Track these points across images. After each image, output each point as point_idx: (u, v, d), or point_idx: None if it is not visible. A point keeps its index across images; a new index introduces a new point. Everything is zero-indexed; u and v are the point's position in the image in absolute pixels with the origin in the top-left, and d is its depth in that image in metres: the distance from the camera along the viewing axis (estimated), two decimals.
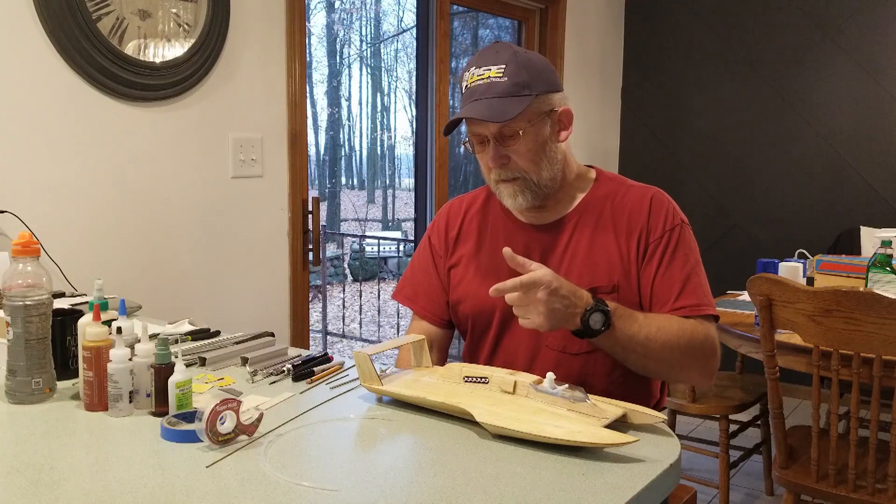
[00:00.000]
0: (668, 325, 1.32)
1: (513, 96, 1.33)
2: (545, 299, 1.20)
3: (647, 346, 1.30)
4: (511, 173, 1.38)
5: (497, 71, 1.34)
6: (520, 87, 1.34)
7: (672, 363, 1.34)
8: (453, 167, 3.85)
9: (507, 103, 1.33)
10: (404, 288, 1.60)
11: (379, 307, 7.70)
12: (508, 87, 1.34)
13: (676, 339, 1.32)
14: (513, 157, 1.37)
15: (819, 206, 3.86)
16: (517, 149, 1.37)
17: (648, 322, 1.31)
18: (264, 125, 2.41)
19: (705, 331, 1.36)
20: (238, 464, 0.94)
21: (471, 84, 1.37)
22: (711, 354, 1.37)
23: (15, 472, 0.91)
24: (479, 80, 1.36)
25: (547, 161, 1.39)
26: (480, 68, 1.36)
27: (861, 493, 1.89)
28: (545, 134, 1.39)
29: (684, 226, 1.43)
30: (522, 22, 3.75)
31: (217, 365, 1.37)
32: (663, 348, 1.31)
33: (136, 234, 2.10)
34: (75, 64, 1.91)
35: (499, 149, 1.37)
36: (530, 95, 1.35)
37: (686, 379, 1.43)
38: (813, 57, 3.81)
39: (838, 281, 2.27)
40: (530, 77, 1.35)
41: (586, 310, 1.24)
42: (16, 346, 1.14)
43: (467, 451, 0.99)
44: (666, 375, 1.45)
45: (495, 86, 1.34)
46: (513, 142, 1.36)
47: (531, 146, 1.37)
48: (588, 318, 1.24)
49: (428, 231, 1.61)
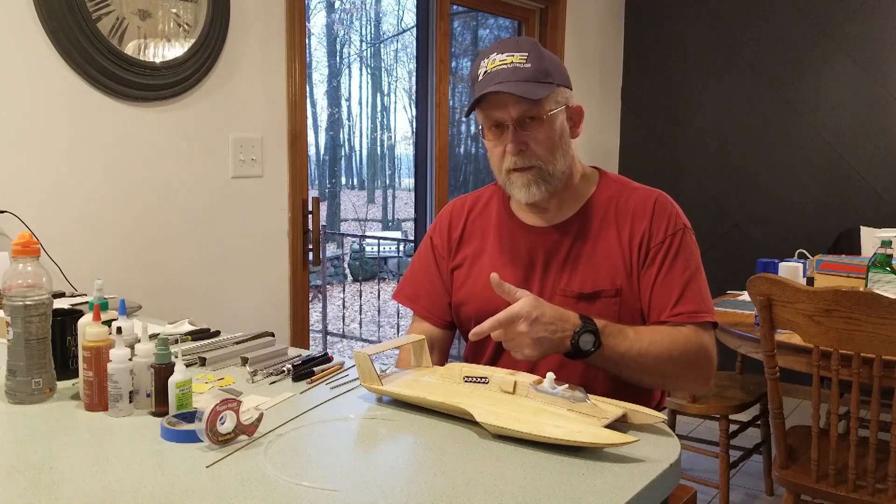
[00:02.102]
0: (660, 339, 1.32)
1: (538, 82, 1.34)
2: (528, 331, 1.20)
3: (640, 362, 1.30)
4: (527, 161, 1.38)
5: (520, 57, 1.35)
6: (544, 74, 1.35)
7: (667, 375, 1.35)
8: (453, 167, 3.85)
9: (533, 86, 1.33)
10: (405, 288, 1.60)
11: (379, 307, 7.70)
12: (533, 73, 1.34)
13: (669, 352, 1.31)
14: (531, 143, 1.37)
15: (819, 206, 3.86)
16: (536, 135, 1.37)
17: (640, 337, 1.31)
18: (264, 125, 2.41)
19: (698, 339, 1.35)
20: (238, 464, 0.94)
21: (491, 69, 1.36)
22: (706, 363, 1.37)
23: (15, 472, 0.91)
24: (503, 65, 1.35)
25: (562, 153, 1.40)
26: (503, 54, 1.36)
27: (861, 493, 1.89)
28: (563, 125, 1.40)
29: (686, 231, 1.42)
30: (522, 22, 3.75)
31: (217, 365, 1.37)
32: (657, 362, 1.31)
33: (136, 234, 2.10)
34: (75, 64, 1.91)
35: (518, 134, 1.37)
36: (553, 84, 1.36)
37: (682, 388, 1.44)
38: (813, 57, 3.81)
39: (838, 281, 2.27)
40: (552, 67, 1.37)
41: (575, 332, 1.24)
42: (16, 346, 1.14)
43: (467, 451, 0.99)
44: (662, 386, 1.47)
45: (520, 70, 1.34)
46: (534, 126, 1.36)
47: (550, 134, 1.37)
48: (578, 340, 1.24)
49: (430, 231, 1.60)
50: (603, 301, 1.39)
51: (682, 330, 1.35)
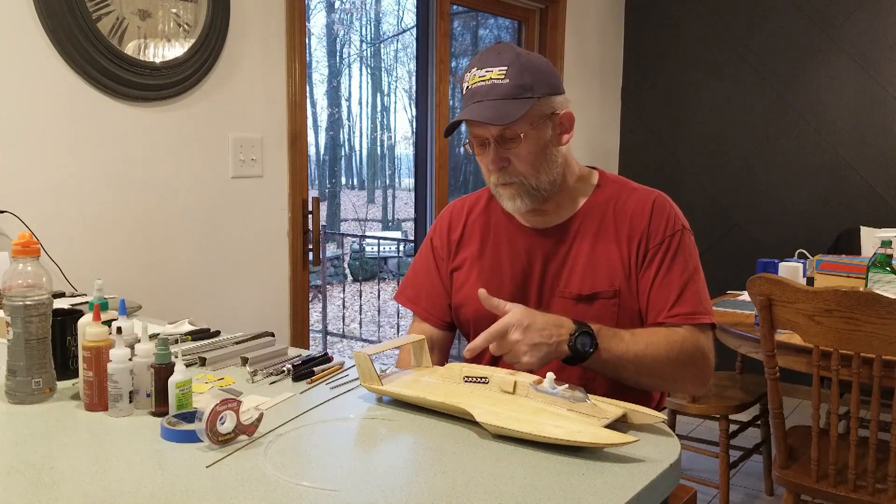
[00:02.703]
0: (657, 341, 1.32)
1: (515, 98, 1.32)
2: (521, 338, 1.20)
3: (638, 364, 1.30)
4: (510, 177, 1.37)
5: (499, 72, 1.33)
6: (522, 90, 1.32)
7: (664, 377, 1.35)
8: (453, 167, 3.86)
9: (508, 105, 1.31)
10: (406, 289, 1.60)
11: (379, 307, 7.70)
12: (510, 90, 1.32)
13: (666, 354, 1.31)
14: (513, 160, 1.36)
15: (819, 206, 3.86)
16: (518, 152, 1.35)
17: (636, 340, 1.31)
18: (264, 125, 2.41)
19: (695, 340, 1.35)
20: (238, 464, 0.94)
21: (472, 85, 1.35)
22: (703, 364, 1.37)
23: (15, 472, 0.91)
24: (481, 82, 1.34)
25: (547, 165, 1.38)
26: (482, 69, 1.34)
27: (861, 493, 1.89)
28: (546, 137, 1.38)
29: (685, 232, 1.42)
30: (522, 22, 3.75)
31: (217, 365, 1.37)
32: (654, 363, 1.31)
33: (136, 234, 2.10)
34: (75, 64, 1.91)
35: (499, 151, 1.36)
36: (532, 98, 1.33)
37: (680, 389, 1.44)
38: (813, 57, 3.81)
39: (838, 281, 2.27)
40: (533, 79, 1.34)
41: (571, 335, 1.24)
42: (16, 346, 1.14)
43: (467, 451, 0.99)
44: (660, 388, 1.47)
45: (497, 87, 1.32)
46: (513, 144, 1.35)
47: (532, 149, 1.36)
48: (576, 343, 1.24)
49: (430, 233, 1.60)
50: (601, 302, 1.39)
51: (678, 331, 1.35)
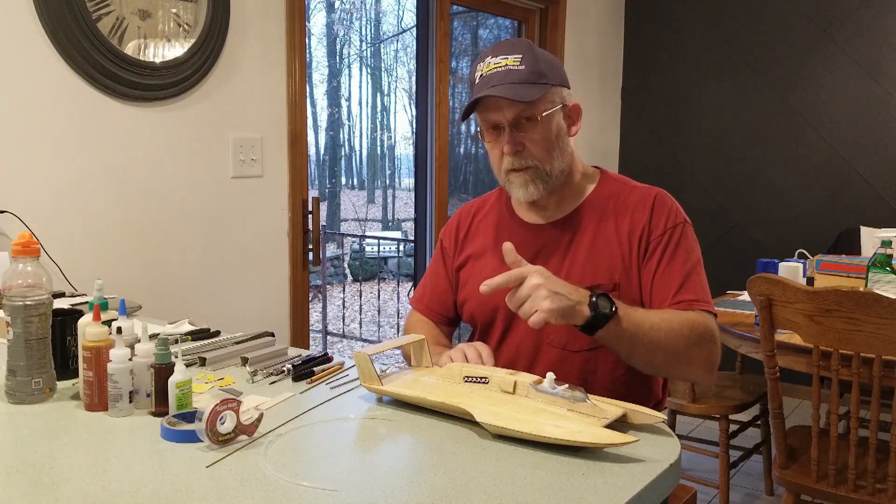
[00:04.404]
0: (670, 316, 1.32)
1: (531, 83, 1.35)
2: (542, 282, 1.15)
3: (653, 336, 1.27)
4: (524, 161, 1.39)
5: (514, 60, 1.36)
6: (538, 76, 1.36)
7: (678, 355, 1.31)
8: (453, 167, 3.85)
9: (526, 88, 1.35)
10: (419, 291, 1.66)
11: (379, 307, 7.70)
12: (527, 75, 1.35)
13: (679, 328, 1.30)
14: (527, 144, 1.38)
15: (819, 206, 3.86)
16: (532, 136, 1.38)
17: (650, 314, 1.31)
18: (264, 125, 2.41)
19: (705, 321, 1.35)
20: (238, 464, 0.94)
21: (486, 72, 1.38)
22: (714, 347, 1.36)
23: (15, 472, 0.91)
24: (497, 68, 1.37)
25: (559, 152, 1.41)
26: (497, 57, 1.38)
27: (861, 493, 1.89)
28: (559, 124, 1.41)
29: (686, 225, 1.43)
30: (522, 22, 3.75)
31: (217, 365, 1.37)
32: (668, 337, 1.29)
33: (136, 235, 2.10)
34: (75, 64, 1.91)
35: (514, 135, 1.38)
36: (547, 84, 1.37)
37: (690, 373, 1.39)
38: (813, 57, 3.81)
39: (838, 281, 2.27)
40: (547, 68, 1.38)
41: (590, 297, 1.21)
42: (16, 346, 1.14)
43: (467, 451, 0.99)
44: (672, 369, 1.39)
45: (513, 73, 1.36)
46: (529, 127, 1.37)
47: (546, 134, 1.38)
48: (597, 303, 1.21)
49: (441, 234, 1.65)
50: None
51: (689, 313, 1.35)
